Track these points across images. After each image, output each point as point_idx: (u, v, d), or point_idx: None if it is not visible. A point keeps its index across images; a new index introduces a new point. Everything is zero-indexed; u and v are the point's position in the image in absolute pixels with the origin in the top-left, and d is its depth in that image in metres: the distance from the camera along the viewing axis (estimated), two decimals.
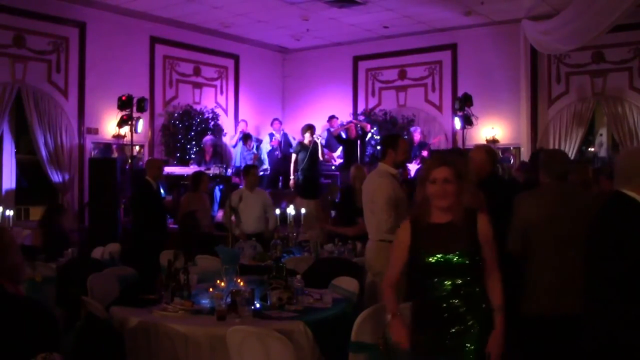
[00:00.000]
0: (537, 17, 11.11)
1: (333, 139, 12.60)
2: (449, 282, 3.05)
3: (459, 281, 3.05)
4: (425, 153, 11.51)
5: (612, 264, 2.86)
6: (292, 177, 11.63)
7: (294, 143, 13.23)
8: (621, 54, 11.20)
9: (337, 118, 13.01)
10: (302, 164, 11.32)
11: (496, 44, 12.22)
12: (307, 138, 11.45)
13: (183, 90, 13.02)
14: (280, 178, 12.70)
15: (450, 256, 3.05)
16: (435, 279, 3.08)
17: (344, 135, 12.43)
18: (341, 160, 12.47)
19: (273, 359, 3.39)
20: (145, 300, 4.24)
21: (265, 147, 12.99)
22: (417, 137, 12.08)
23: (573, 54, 11.43)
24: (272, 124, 13.30)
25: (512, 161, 11.68)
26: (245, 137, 12.58)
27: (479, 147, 5.60)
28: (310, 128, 11.52)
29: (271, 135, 13.10)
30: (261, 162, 12.46)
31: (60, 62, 11.07)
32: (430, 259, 3.07)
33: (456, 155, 4.64)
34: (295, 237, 7.32)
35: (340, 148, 12.58)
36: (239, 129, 13.12)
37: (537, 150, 9.55)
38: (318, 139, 11.61)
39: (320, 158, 11.63)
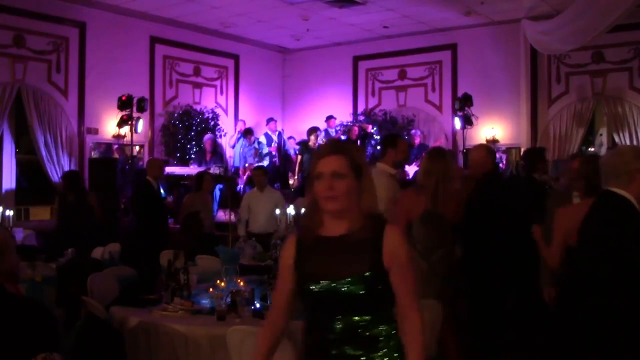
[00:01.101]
0: (537, 17, 11.12)
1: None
2: (341, 321, 2.22)
3: (355, 319, 2.21)
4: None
5: (604, 262, 2.86)
6: (296, 177, 11.65)
7: (290, 143, 13.25)
8: (621, 54, 11.20)
9: (335, 118, 13.01)
10: (306, 165, 11.37)
11: (496, 44, 12.22)
12: (312, 140, 11.52)
13: (183, 90, 13.02)
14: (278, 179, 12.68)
15: (337, 284, 2.20)
16: (321, 316, 2.27)
17: (343, 138, 12.44)
18: None
19: (273, 358, 3.38)
20: (145, 300, 4.24)
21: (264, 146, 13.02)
22: (417, 140, 12.07)
23: (573, 54, 11.42)
24: (267, 124, 13.29)
25: (502, 162, 11.59)
26: (247, 132, 12.57)
27: (480, 146, 5.63)
28: (315, 131, 11.67)
29: (267, 136, 13.07)
30: (262, 158, 12.46)
31: (60, 62, 11.07)
32: (312, 287, 2.25)
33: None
34: None
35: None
36: (238, 128, 13.13)
37: (532, 148, 9.39)
38: (323, 141, 11.69)
39: None
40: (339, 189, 2.23)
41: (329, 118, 12.95)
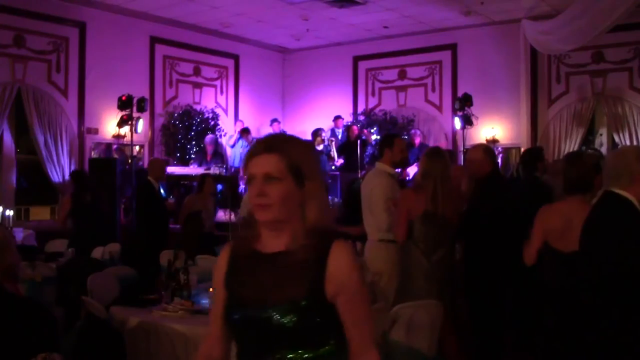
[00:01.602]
0: (537, 17, 11.11)
1: (336, 139, 12.66)
2: (270, 358, 1.83)
3: (288, 357, 1.81)
4: None
5: (605, 263, 2.86)
6: None
7: None
8: (621, 54, 11.19)
9: (343, 119, 12.99)
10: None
11: (496, 44, 12.22)
12: (318, 141, 11.58)
13: (183, 90, 13.02)
14: None
15: (265, 312, 1.80)
16: (247, 350, 1.89)
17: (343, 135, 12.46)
18: (342, 161, 12.46)
19: None
20: (145, 300, 4.24)
21: None
22: (417, 140, 12.05)
23: (573, 54, 11.42)
24: (271, 125, 13.31)
25: (499, 162, 11.57)
26: (244, 131, 12.55)
27: (477, 147, 5.60)
28: (319, 132, 11.69)
29: None
30: None
31: (60, 62, 11.07)
32: (237, 314, 1.87)
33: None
34: None
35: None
36: (237, 128, 13.14)
37: (531, 148, 9.41)
38: (331, 141, 11.72)
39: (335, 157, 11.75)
40: (272, 196, 1.82)
41: (337, 118, 12.93)
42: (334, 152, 11.93)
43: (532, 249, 3.79)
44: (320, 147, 11.74)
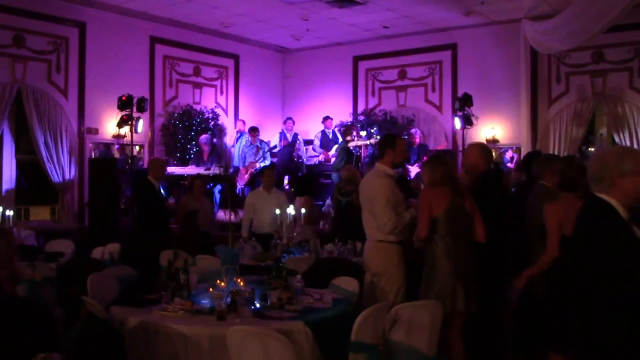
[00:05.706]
0: (537, 17, 11.12)
1: (328, 139, 12.63)
2: None
3: None
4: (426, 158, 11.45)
5: (588, 270, 2.86)
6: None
7: (300, 141, 13.25)
8: (621, 54, 11.20)
9: (332, 119, 12.97)
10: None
11: (496, 44, 12.22)
12: (348, 139, 11.47)
13: (183, 90, 13.03)
14: (287, 178, 12.60)
15: None
16: None
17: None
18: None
19: (273, 359, 3.38)
20: (145, 300, 4.24)
21: (274, 140, 13.04)
22: (417, 139, 12.05)
23: (573, 54, 11.43)
24: (284, 122, 13.30)
25: (513, 161, 11.62)
26: (252, 130, 12.46)
27: (473, 144, 5.63)
28: (349, 130, 11.61)
29: (282, 134, 13.03)
30: (264, 158, 12.43)
31: (60, 62, 11.07)
32: None
33: None
34: (296, 237, 7.31)
35: (336, 147, 12.54)
36: (237, 128, 13.13)
37: (533, 151, 9.49)
38: (369, 142, 11.68)
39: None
40: None
41: (326, 119, 12.90)
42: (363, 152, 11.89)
43: (554, 242, 4.10)
44: (352, 145, 11.61)
